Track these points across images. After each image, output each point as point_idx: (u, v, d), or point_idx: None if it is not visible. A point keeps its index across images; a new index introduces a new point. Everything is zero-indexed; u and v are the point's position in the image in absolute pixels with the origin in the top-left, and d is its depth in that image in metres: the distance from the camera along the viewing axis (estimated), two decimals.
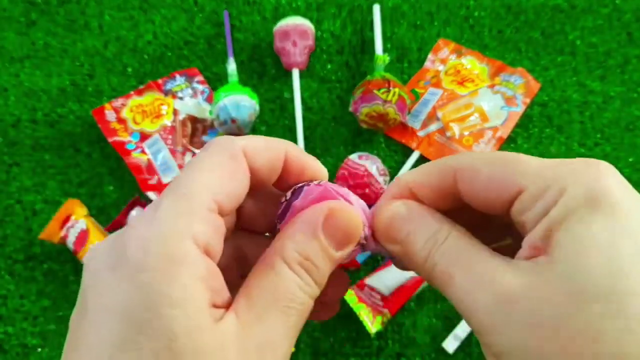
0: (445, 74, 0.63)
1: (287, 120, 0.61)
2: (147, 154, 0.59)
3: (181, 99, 0.61)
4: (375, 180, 0.53)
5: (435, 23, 0.66)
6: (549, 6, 0.66)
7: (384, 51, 0.62)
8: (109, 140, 0.59)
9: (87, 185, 0.58)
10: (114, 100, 0.61)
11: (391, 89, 0.55)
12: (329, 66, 0.64)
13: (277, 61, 0.64)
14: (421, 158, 0.59)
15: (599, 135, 0.60)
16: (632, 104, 0.61)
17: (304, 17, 0.62)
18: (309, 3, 0.67)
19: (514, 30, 0.65)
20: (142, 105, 0.61)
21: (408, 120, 0.60)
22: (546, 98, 0.61)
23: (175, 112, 0.61)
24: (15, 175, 0.59)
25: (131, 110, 0.60)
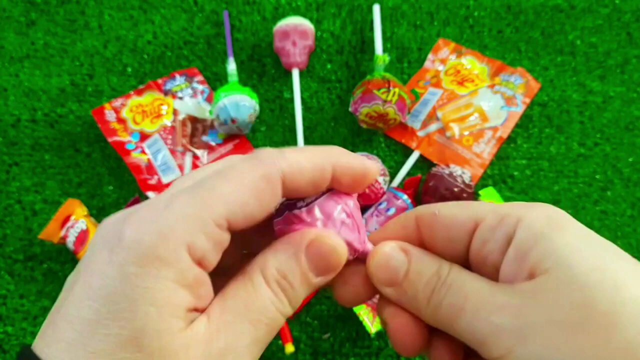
0: (445, 74, 0.63)
1: (287, 120, 0.61)
2: (147, 154, 0.58)
3: (181, 99, 0.61)
4: (375, 180, 0.53)
5: (435, 23, 0.66)
6: (548, 6, 0.66)
7: (383, 51, 0.62)
8: (109, 140, 0.59)
9: (87, 185, 0.58)
10: (114, 100, 0.61)
11: (391, 89, 0.55)
12: (329, 66, 0.64)
13: (277, 61, 0.64)
14: (421, 158, 0.59)
15: (598, 135, 0.60)
16: (632, 104, 0.61)
17: (303, 17, 0.62)
18: (308, 3, 0.67)
19: (514, 30, 0.65)
20: (142, 105, 0.61)
21: (408, 120, 0.60)
22: (546, 98, 0.61)
23: (175, 112, 0.61)
24: (15, 175, 0.59)
25: (131, 110, 0.60)
